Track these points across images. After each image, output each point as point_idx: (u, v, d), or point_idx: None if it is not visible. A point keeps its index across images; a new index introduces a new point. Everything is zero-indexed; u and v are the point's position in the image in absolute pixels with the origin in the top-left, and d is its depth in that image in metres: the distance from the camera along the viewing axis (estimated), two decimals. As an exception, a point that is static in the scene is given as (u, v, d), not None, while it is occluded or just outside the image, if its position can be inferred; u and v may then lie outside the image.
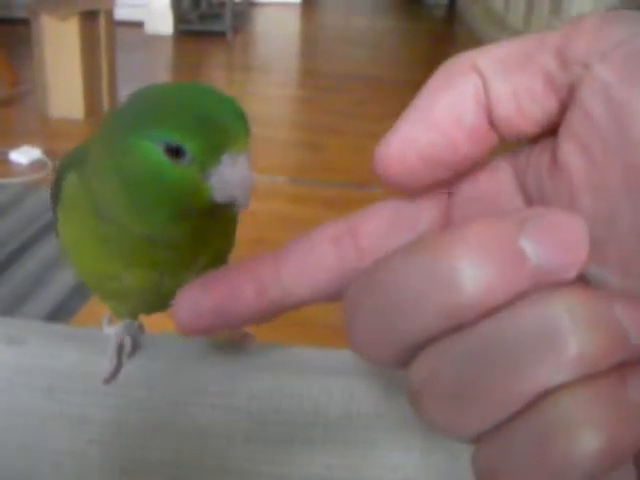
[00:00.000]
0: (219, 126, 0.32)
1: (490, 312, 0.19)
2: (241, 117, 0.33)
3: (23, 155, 2.76)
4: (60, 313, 1.87)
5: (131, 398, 0.39)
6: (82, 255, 0.39)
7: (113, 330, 0.42)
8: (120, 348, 0.40)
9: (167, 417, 0.38)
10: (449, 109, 0.23)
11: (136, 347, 0.41)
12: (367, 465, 0.37)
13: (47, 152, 2.81)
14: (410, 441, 0.37)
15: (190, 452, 0.37)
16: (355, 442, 0.37)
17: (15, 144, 2.84)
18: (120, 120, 0.35)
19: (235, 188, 0.33)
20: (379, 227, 0.25)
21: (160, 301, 0.41)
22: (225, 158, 0.32)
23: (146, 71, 4.32)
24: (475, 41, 5.56)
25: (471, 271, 0.19)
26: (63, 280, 2.01)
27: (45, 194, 2.70)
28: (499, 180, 0.25)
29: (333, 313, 0.47)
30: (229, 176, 0.32)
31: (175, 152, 0.32)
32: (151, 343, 0.42)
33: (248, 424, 0.37)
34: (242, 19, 5.63)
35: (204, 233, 0.37)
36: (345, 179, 2.70)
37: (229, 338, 0.42)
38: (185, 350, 0.41)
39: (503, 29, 4.79)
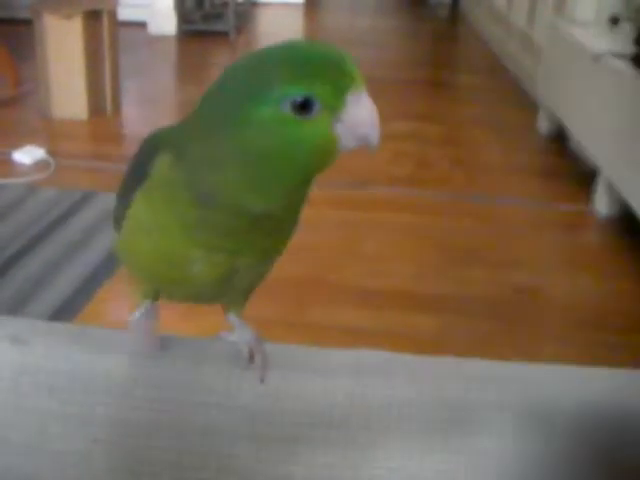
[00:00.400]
0: (337, 67, 0.31)
1: None
2: (349, 57, 0.32)
3: (26, 155, 2.76)
4: (63, 314, 1.87)
5: (135, 397, 0.39)
6: (155, 237, 0.37)
7: (136, 314, 0.42)
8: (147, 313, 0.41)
9: (171, 416, 0.38)
10: None
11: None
12: (368, 466, 0.37)
13: (50, 152, 2.81)
14: (410, 443, 0.37)
15: (194, 451, 0.38)
16: (356, 443, 0.37)
17: (18, 144, 2.84)
18: (226, 95, 0.33)
19: (366, 126, 0.32)
20: None
21: (212, 294, 0.40)
22: (349, 98, 0.32)
23: (149, 71, 4.32)
24: (478, 41, 5.55)
25: None
26: (66, 281, 2.01)
27: (48, 194, 2.69)
28: None
29: (339, 315, 0.48)
30: (358, 114, 0.32)
31: (302, 106, 0.31)
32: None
33: (252, 424, 0.38)
34: (245, 19, 5.63)
35: (298, 210, 0.37)
36: (348, 179, 2.70)
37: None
38: (190, 350, 0.41)
39: (506, 28, 4.79)
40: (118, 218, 0.40)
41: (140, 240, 0.38)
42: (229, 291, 0.40)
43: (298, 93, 0.31)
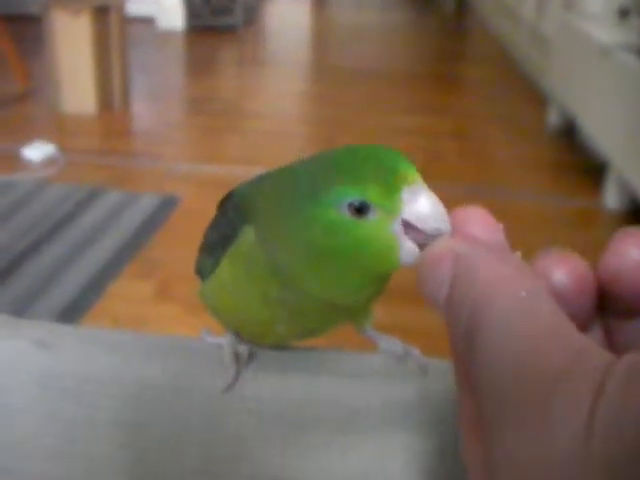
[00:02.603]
0: (388, 168, 0.31)
1: None
2: (405, 158, 0.32)
3: (36, 151, 2.76)
4: (73, 311, 1.87)
5: (163, 403, 0.38)
6: (240, 301, 0.38)
7: (224, 340, 0.42)
8: (236, 356, 0.41)
9: (202, 422, 0.38)
10: None
11: (252, 356, 0.42)
12: (403, 471, 0.36)
13: (60, 148, 2.81)
14: (444, 448, 0.36)
15: (225, 458, 0.37)
16: (391, 449, 0.37)
17: (28, 140, 2.84)
18: (296, 188, 0.34)
19: (425, 217, 0.30)
20: None
21: (301, 339, 0.41)
22: (405, 197, 0.31)
23: (158, 66, 4.32)
24: (486, 34, 5.54)
25: None
26: (76, 278, 2.01)
27: (58, 189, 2.69)
28: None
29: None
30: (414, 209, 0.31)
31: (359, 210, 0.31)
32: (183, 347, 0.42)
33: (284, 430, 0.37)
34: (253, 14, 5.63)
35: (378, 291, 0.37)
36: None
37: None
38: (220, 356, 0.41)
39: (515, 22, 4.77)
40: (202, 270, 0.41)
41: (225, 298, 0.39)
42: (323, 332, 0.41)
43: (353, 197, 0.31)
